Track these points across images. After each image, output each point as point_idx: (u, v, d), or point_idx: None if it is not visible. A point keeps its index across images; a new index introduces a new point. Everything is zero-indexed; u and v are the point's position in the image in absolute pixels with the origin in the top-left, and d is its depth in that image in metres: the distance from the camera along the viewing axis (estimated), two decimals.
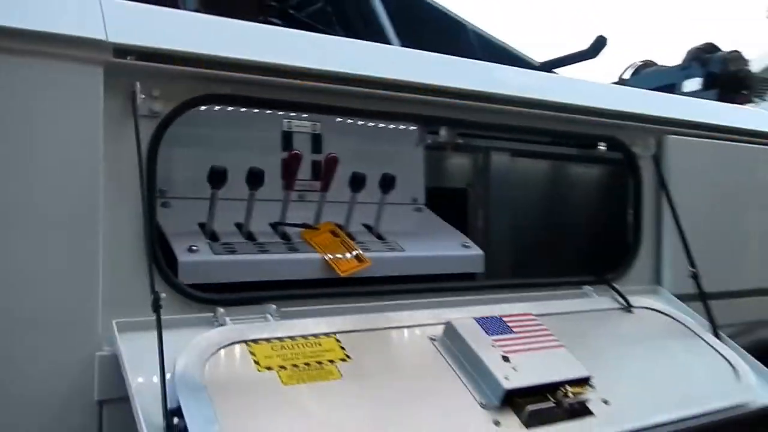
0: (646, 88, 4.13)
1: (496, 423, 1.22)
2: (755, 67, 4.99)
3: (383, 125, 1.82)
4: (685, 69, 4.08)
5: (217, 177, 1.40)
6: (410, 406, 1.22)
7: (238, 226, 1.52)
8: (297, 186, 1.56)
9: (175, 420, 1.03)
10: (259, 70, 1.33)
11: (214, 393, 1.08)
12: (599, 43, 3.39)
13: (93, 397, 1.15)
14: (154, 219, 1.22)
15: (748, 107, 3.44)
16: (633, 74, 4.52)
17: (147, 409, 1.04)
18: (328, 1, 2.68)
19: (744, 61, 4.07)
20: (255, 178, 1.45)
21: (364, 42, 1.62)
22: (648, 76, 4.38)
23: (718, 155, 2.08)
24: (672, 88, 4.10)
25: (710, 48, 4.23)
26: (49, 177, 1.13)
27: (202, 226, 1.47)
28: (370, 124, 1.79)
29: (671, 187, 1.91)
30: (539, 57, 3.70)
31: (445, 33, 3.23)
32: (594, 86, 2.03)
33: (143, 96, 1.22)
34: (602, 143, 2.00)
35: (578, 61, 3.59)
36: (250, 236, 1.51)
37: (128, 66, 1.19)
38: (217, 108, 1.51)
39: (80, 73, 1.16)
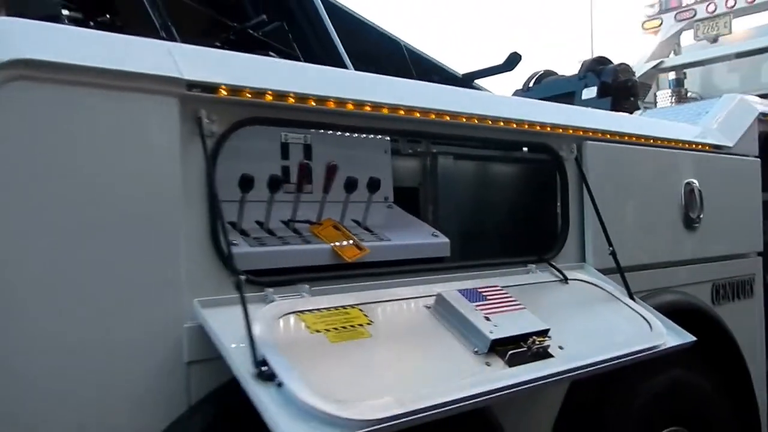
0: (549, 95, 4.71)
1: (487, 364, 1.62)
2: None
3: (360, 136, 2.17)
4: (582, 79, 4.64)
5: (246, 183, 1.72)
6: (424, 354, 1.60)
7: (258, 223, 1.84)
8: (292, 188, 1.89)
9: (263, 368, 1.36)
10: (286, 98, 1.67)
11: (283, 350, 1.42)
12: (514, 59, 3.89)
13: (183, 359, 1.46)
14: (222, 218, 1.53)
15: (637, 114, 4.01)
16: (536, 83, 5.07)
17: (238, 362, 1.37)
18: (286, 23, 2.99)
19: (631, 72, 4.70)
20: (275, 183, 1.78)
21: (353, 72, 1.99)
22: (550, 84, 4.93)
23: (625, 156, 2.57)
24: (572, 95, 4.67)
25: (603, 60, 4.83)
26: (143, 183, 1.43)
27: (232, 224, 1.78)
28: (348, 135, 2.14)
29: (590, 183, 2.37)
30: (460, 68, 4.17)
31: (383, 51, 3.61)
32: (530, 104, 2.47)
33: (207, 120, 1.53)
34: (536, 149, 2.43)
35: (495, 74, 4.08)
36: (269, 231, 1.83)
37: (195, 97, 1.51)
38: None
39: (162, 103, 1.46)
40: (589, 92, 4.50)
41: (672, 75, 7.38)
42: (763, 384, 3.16)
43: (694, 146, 2.94)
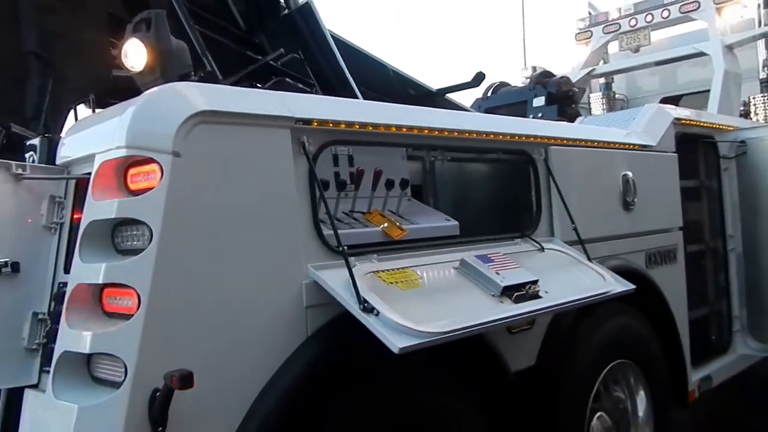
0: (505, 103, 5.52)
1: (501, 302, 2.38)
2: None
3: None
4: (532, 89, 5.48)
5: (342, 185, 2.41)
6: (459, 296, 2.34)
7: (327, 213, 2.54)
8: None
9: (365, 304, 2.07)
10: (353, 126, 2.39)
11: (373, 293, 2.13)
12: (479, 76, 4.69)
13: (303, 304, 2.16)
14: (328, 210, 2.23)
15: (579, 120, 4.83)
16: (493, 92, 5.88)
17: (348, 301, 2.08)
18: (304, 56, 3.67)
19: (572, 84, 5.56)
20: (342, 185, 2.48)
21: (392, 105, 2.70)
22: (505, 94, 5.75)
23: (579, 156, 3.38)
24: (524, 103, 5.49)
25: (548, 74, 5.69)
26: (274, 186, 2.13)
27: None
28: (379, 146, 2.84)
29: (555, 177, 3.15)
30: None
31: (374, 73, 4.33)
32: (511, 121, 3.26)
33: (307, 143, 2.24)
34: (516, 153, 3.18)
35: (463, 89, 4.88)
36: (338, 219, 2.53)
37: (300, 128, 2.21)
38: None
39: (280, 133, 2.16)
40: (539, 101, 5.33)
41: (602, 80, 8.33)
42: (684, 326, 4.02)
43: (627, 146, 3.78)
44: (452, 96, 4.90)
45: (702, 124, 4.62)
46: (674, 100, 8.08)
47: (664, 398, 3.82)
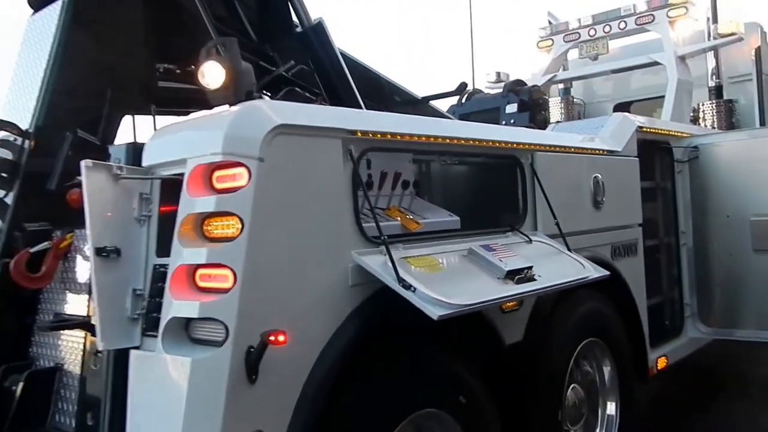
0: (480, 109, 6.04)
1: (505, 283, 2.89)
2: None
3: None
4: (505, 97, 6.01)
5: (370, 185, 2.89)
6: (472, 279, 2.84)
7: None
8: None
9: (404, 283, 2.55)
10: (386, 135, 2.87)
11: (408, 274, 2.61)
12: (462, 86, 5.20)
13: (348, 283, 2.63)
14: (371, 205, 2.70)
15: (550, 127, 5.38)
16: (467, 99, 6.40)
17: (389, 280, 2.56)
18: (315, 69, 4.11)
19: (542, 92, 6.12)
20: (369, 185, 2.96)
21: (415, 117, 3.19)
22: (479, 101, 6.28)
23: (559, 160, 3.92)
24: (497, 110, 6.02)
25: (520, 83, 6.24)
26: (330, 185, 2.59)
27: None
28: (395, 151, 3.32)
29: (540, 179, 3.68)
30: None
31: (370, 83, 4.78)
32: (504, 130, 3.77)
33: (353, 150, 2.70)
34: (507, 158, 3.69)
35: (446, 97, 5.39)
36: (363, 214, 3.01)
37: (348, 138, 2.68)
38: None
39: (335, 142, 2.63)
40: (511, 108, 5.86)
41: (561, 85, 8.94)
42: (644, 312, 4.61)
43: (597, 152, 4.34)
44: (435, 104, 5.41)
45: (660, 131, 5.23)
46: (627, 105, 8.78)
47: (628, 373, 4.39)
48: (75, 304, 2.75)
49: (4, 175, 2.95)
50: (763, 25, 8.11)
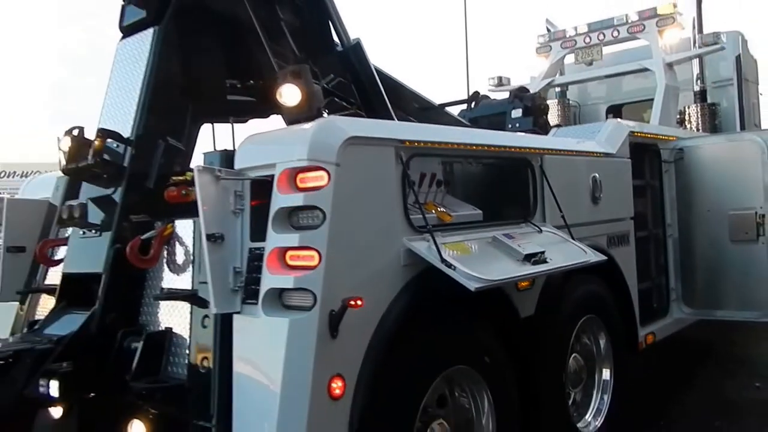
0: (487, 114, 6.69)
1: (524, 264, 3.55)
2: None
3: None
4: (511, 103, 6.65)
5: (413, 183, 3.54)
6: (496, 260, 3.50)
7: None
8: None
9: (446, 262, 3.20)
10: (425, 143, 3.51)
11: (449, 256, 3.26)
12: (476, 95, 5.85)
13: (401, 263, 3.27)
14: (419, 202, 3.35)
15: (552, 131, 6.03)
16: (475, 105, 7.03)
17: (434, 260, 3.21)
18: (353, 84, 4.74)
19: (544, 99, 6.78)
20: (411, 184, 3.60)
21: (445, 126, 3.83)
22: (487, 106, 6.91)
23: (563, 162, 4.58)
24: (503, 114, 6.66)
25: (524, 89, 6.89)
26: (383, 184, 3.24)
27: None
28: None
29: (548, 178, 4.34)
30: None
31: (392, 92, 5.40)
32: (519, 136, 4.43)
33: (403, 156, 3.34)
34: (521, 161, 4.34)
35: (461, 104, 6.04)
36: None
37: (399, 146, 3.32)
38: None
39: (389, 150, 3.27)
40: (516, 113, 6.51)
41: (557, 88, 9.59)
42: (635, 294, 5.28)
43: (595, 154, 5.01)
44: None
45: (649, 135, 5.90)
46: (618, 108, 9.46)
47: (620, 346, 5.07)
48: (181, 280, 3.38)
49: (113, 176, 3.58)
50: (744, 34, 8.82)
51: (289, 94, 3.34)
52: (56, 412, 3.51)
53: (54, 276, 4.13)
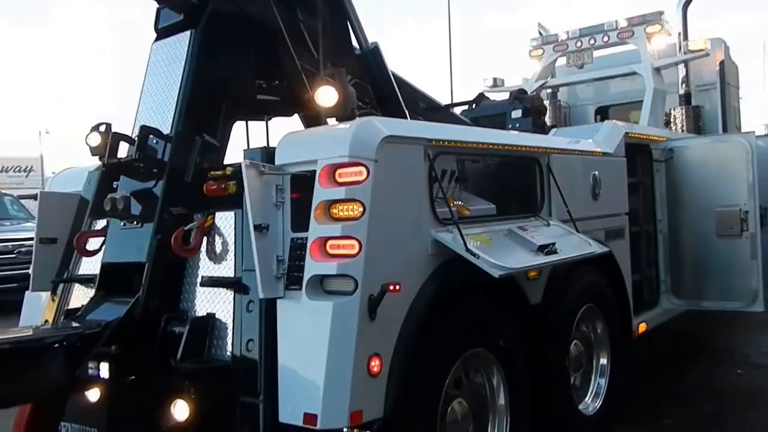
0: (488, 114, 7.00)
1: (538, 254, 3.84)
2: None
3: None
4: (511, 104, 6.96)
5: (436, 179, 3.82)
6: (512, 251, 3.79)
7: None
8: None
9: (470, 252, 3.48)
10: (448, 143, 3.79)
11: (473, 246, 3.54)
12: (480, 97, 6.15)
13: (428, 253, 3.55)
14: (445, 196, 3.63)
15: (552, 132, 6.34)
16: (476, 106, 7.33)
17: (459, 249, 3.49)
18: (370, 84, 5.01)
19: (542, 100, 7.09)
20: (435, 180, 3.88)
21: (465, 127, 4.11)
22: (487, 107, 7.22)
23: (567, 160, 4.88)
24: (503, 115, 6.97)
25: (523, 91, 7.20)
26: (413, 179, 3.51)
27: None
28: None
29: (554, 175, 4.64)
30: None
31: (406, 93, 5.67)
32: (529, 137, 4.73)
33: (431, 153, 3.62)
34: (529, 160, 4.64)
35: (466, 104, 6.33)
36: None
37: (427, 145, 3.60)
38: None
39: (418, 148, 3.55)
40: (516, 113, 6.82)
41: (549, 90, 9.90)
42: (629, 285, 5.61)
43: (595, 153, 5.32)
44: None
45: (642, 135, 6.24)
46: (606, 109, 9.80)
47: (616, 333, 5.39)
48: (221, 269, 3.62)
49: (155, 170, 3.81)
50: (726, 41, 9.21)
51: (327, 96, 3.60)
52: (93, 394, 3.74)
53: (87, 266, 4.34)
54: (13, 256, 12.34)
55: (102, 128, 4.54)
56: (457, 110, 7.11)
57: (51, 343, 3.37)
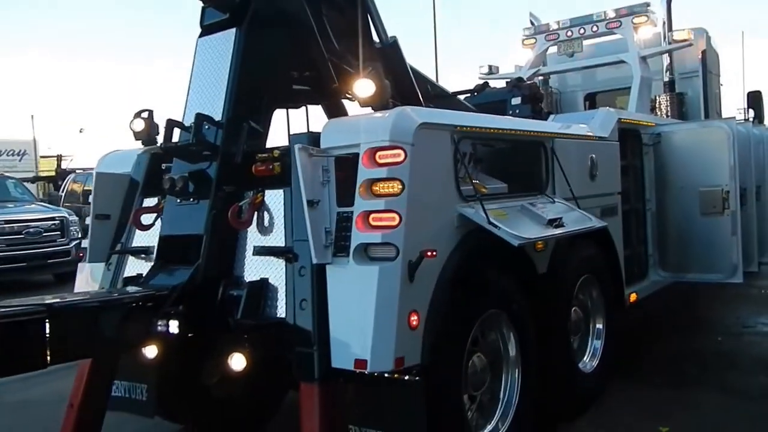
0: (489, 101, 7.53)
1: (548, 227, 4.38)
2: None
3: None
4: (510, 91, 7.47)
5: (458, 161, 4.33)
6: (527, 224, 4.32)
7: None
8: None
9: (492, 224, 3.99)
10: (470, 129, 4.30)
11: (498, 219, 4.06)
12: (484, 85, 6.65)
13: (455, 225, 4.06)
14: (470, 175, 4.13)
15: (551, 118, 6.85)
16: (477, 93, 7.81)
17: (481, 221, 4.00)
18: (389, 73, 5.47)
19: (539, 88, 7.60)
20: (458, 161, 4.39)
21: (484, 114, 4.62)
22: (488, 94, 7.71)
23: (569, 144, 5.41)
24: (504, 102, 7.47)
25: (521, 80, 7.71)
26: (442, 160, 4.02)
27: None
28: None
29: (558, 157, 5.16)
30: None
31: (419, 83, 6.14)
32: (536, 123, 5.25)
33: (456, 137, 4.12)
34: (536, 143, 5.15)
35: (470, 93, 6.83)
36: None
37: (452, 130, 4.10)
38: None
39: (445, 133, 4.05)
40: (516, 100, 7.33)
41: (540, 77, 10.41)
42: (621, 258, 6.16)
43: (592, 138, 5.85)
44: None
45: (633, 121, 6.78)
46: (593, 95, 10.34)
47: (610, 301, 5.95)
48: (271, 239, 4.10)
49: (208, 153, 4.28)
50: (709, 31, 9.76)
51: (364, 87, 4.08)
52: (151, 351, 4.22)
53: (139, 239, 4.82)
54: (21, 236, 12.69)
55: (144, 114, 5.02)
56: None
57: (129, 302, 3.85)
